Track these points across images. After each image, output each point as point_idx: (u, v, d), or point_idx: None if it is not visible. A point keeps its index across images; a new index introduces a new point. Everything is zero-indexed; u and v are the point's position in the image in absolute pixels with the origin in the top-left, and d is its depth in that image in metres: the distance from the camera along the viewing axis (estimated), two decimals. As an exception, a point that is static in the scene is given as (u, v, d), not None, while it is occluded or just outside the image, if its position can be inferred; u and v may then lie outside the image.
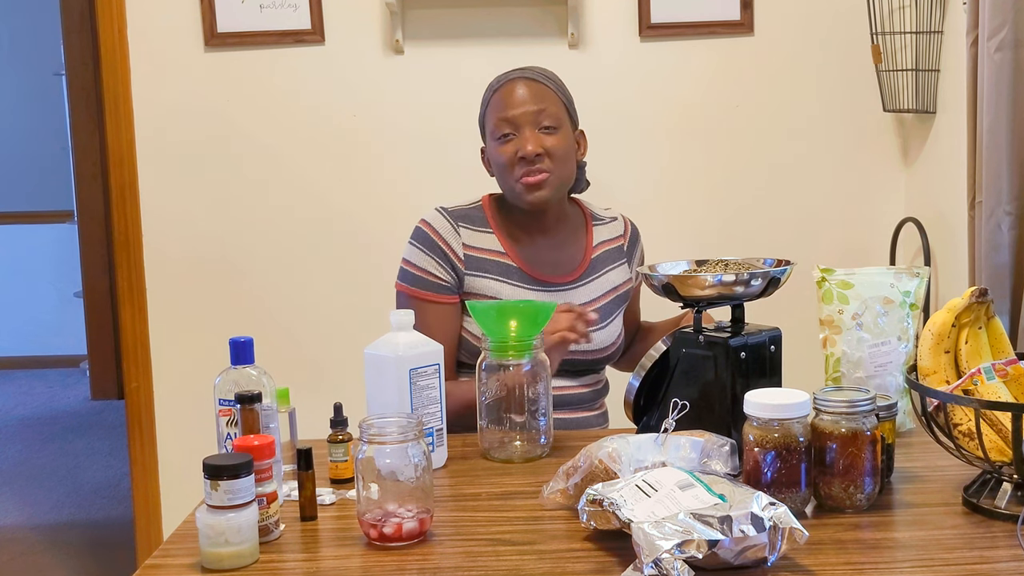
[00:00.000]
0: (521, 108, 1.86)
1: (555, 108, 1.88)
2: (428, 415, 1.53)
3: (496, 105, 1.89)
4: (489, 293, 1.87)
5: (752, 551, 1.13)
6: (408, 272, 1.89)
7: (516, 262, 1.90)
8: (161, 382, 2.86)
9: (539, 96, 1.87)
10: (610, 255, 1.99)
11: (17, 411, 5.37)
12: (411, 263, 1.89)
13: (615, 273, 1.98)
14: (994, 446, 1.32)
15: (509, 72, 1.93)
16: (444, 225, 1.89)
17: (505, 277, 1.88)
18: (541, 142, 1.84)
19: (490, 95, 1.92)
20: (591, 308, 1.89)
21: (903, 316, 1.62)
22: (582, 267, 1.95)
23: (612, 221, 2.03)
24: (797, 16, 2.78)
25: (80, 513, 3.86)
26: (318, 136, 2.81)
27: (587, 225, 2.00)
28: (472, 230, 1.90)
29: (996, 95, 1.96)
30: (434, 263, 1.87)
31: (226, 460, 1.22)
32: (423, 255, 1.88)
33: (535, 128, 1.85)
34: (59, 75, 5.65)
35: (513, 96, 1.87)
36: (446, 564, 1.22)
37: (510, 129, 1.86)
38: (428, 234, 1.89)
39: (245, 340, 1.43)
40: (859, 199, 2.84)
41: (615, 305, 1.96)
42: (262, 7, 2.73)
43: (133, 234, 2.81)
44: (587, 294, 1.92)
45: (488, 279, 1.87)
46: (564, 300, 1.88)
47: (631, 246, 2.03)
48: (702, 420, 1.41)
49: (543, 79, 1.91)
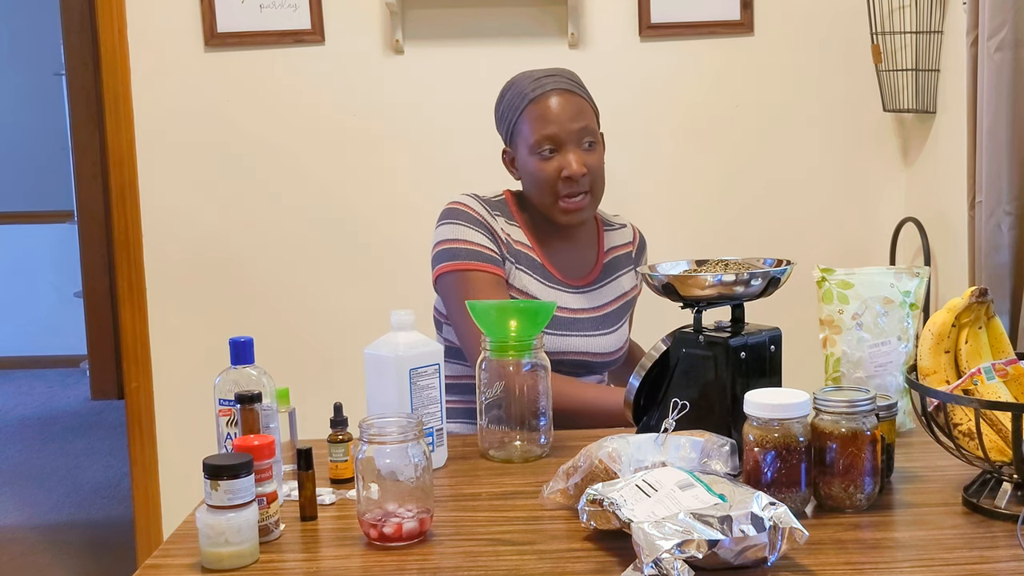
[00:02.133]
0: (565, 125, 1.82)
1: (593, 123, 1.87)
2: (428, 415, 1.53)
3: (536, 117, 1.83)
4: (518, 284, 1.85)
5: (752, 551, 1.13)
6: (449, 249, 1.82)
7: (539, 258, 1.89)
8: (161, 382, 2.86)
9: (580, 112, 1.84)
10: (620, 261, 2.00)
11: (17, 411, 5.37)
12: (452, 239, 1.82)
13: (625, 279, 1.99)
14: (994, 446, 1.32)
15: (542, 79, 1.86)
16: (479, 207, 1.86)
17: (531, 270, 1.87)
18: (584, 160, 1.83)
19: (524, 103, 1.85)
20: (601, 312, 1.90)
21: (903, 316, 1.62)
22: (596, 271, 1.95)
23: (622, 228, 2.04)
24: (797, 16, 2.78)
25: (80, 513, 3.86)
26: (318, 136, 2.81)
27: (599, 230, 2.01)
28: (503, 219, 1.88)
29: (996, 95, 1.96)
30: (479, 235, 1.83)
31: (226, 460, 1.22)
32: (466, 228, 1.83)
33: (578, 147, 1.83)
34: (59, 75, 5.65)
35: (554, 111, 1.82)
36: (446, 564, 1.22)
37: (553, 145, 1.83)
38: (466, 211, 1.85)
39: (245, 340, 1.42)
40: (859, 199, 2.85)
41: (624, 310, 1.97)
42: (262, 7, 2.73)
43: (133, 234, 2.82)
44: (598, 298, 1.93)
45: (518, 270, 1.86)
46: (579, 302, 1.88)
47: (639, 254, 2.05)
48: (702, 420, 1.41)
49: (580, 90, 1.87)
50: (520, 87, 1.87)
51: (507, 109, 1.89)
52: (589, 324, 1.89)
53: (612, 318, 1.93)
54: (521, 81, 1.88)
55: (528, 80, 1.87)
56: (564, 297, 1.88)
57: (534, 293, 1.86)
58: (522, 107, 1.85)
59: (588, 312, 1.90)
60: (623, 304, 1.97)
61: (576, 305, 1.89)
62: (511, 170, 1.94)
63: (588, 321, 1.89)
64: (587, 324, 1.88)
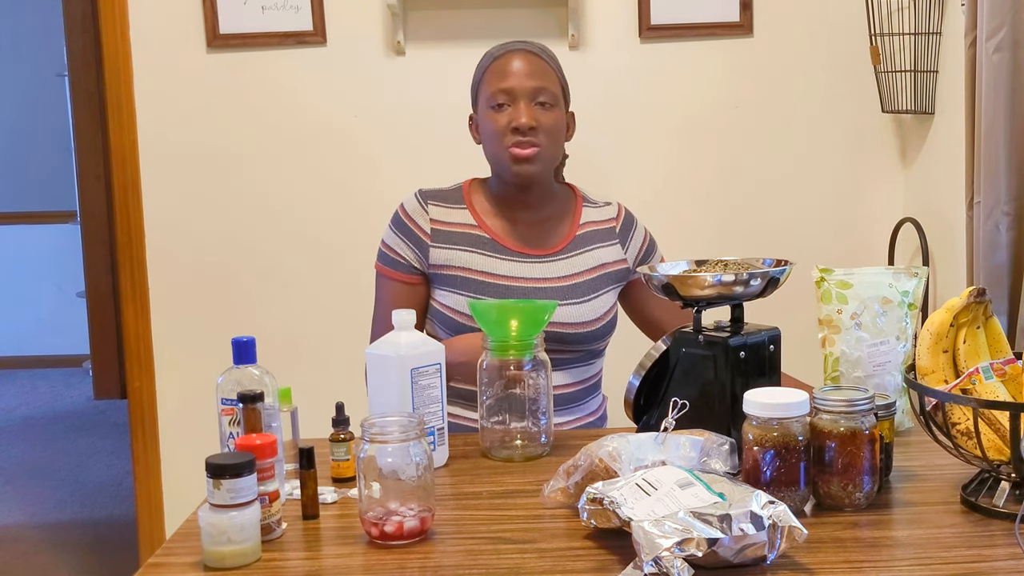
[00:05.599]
0: (520, 81, 1.88)
1: (553, 87, 1.91)
2: (429, 414, 1.53)
3: (494, 74, 1.91)
4: (457, 263, 1.90)
5: (751, 549, 1.14)
6: (380, 251, 1.99)
7: (488, 233, 1.93)
8: (164, 382, 2.87)
9: (539, 72, 1.90)
10: (598, 234, 1.99)
11: (20, 411, 5.38)
12: (384, 243, 1.98)
13: (604, 251, 1.97)
14: (992, 445, 1.33)
15: (510, 43, 1.94)
16: (414, 205, 1.96)
17: (475, 247, 1.91)
18: (536, 116, 1.87)
19: (488, 62, 1.94)
20: (571, 281, 1.91)
21: (901, 316, 1.63)
22: (564, 242, 1.96)
23: (605, 206, 2.04)
24: (796, 17, 2.79)
25: (83, 512, 3.87)
26: (319, 137, 2.81)
27: (577, 206, 2.01)
28: (442, 207, 1.96)
29: (994, 96, 1.96)
30: (400, 242, 1.94)
31: (228, 459, 1.23)
32: (392, 235, 1.96)
33: (531, 102, 1.88)
34: (62, 76, 5.66)
35: (513, 67, 1.89)
36: (447, 562, 1.23)
37: (506, 99, 1.88)
38: (399, 215, 1.97)
39: (247, 340, 1.43)
40: (858, 199, 2.85)
41: (604, 282, 1.95)
42: (264, 8, 2.74)
43: (136, 234, 2.82)
44: (567, 268, 1.93)
45: (455, 250, 1.91)
46: (540, 271, 1.91)
47: (624, 228, 2.02)
48: (702, 419, 1.42)
49: (544, 55, 1.93)
50: (488, 52, 1.97)
51: (475, 74, 1.98)
52: (554, 293, 1.89)
53: (584, 288, 1.92)
54: (491, 48, 1.97)
55: (496, 46, 1.96)
56: (521, 267, 1.91)
57: (480, 267, 1.90)
58: (485, 66, 1.95)
59: (553, 281, 1.91)
60: (603, 276, 1.95)
61: (538, 275, 1.91)
62: (474, 136, 2.00)
63: (553, 290, 1.89)
64: (552, 293, 1.89)
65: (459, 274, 1.90)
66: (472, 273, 1.89)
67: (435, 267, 1.92)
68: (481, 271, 1.89)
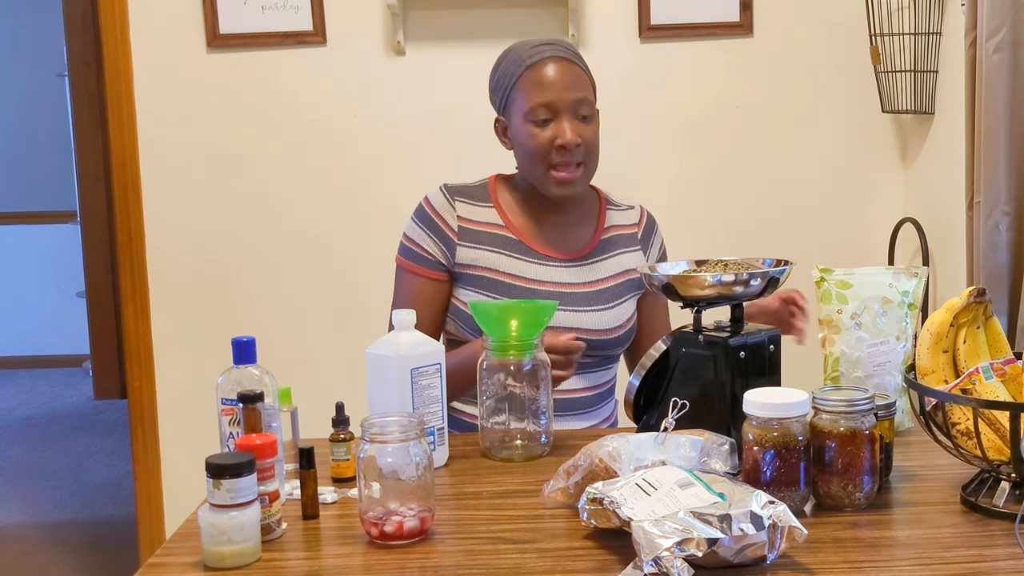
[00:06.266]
0: (562, 93, 1.80)
1: (591, 95, 1.85)
2: (429, 414, 1.53)
3: (533, 84, 1.81)
4: (484, 264, 1.86)
5: (751, 549, 1.14)
6: (403, 245, 1.92)
7: (515, 234, 1.88)
8: (163, 382, 2.87)
9: (578, 82, 1.82)
10: (622, 239, 1.96)
11: (20, 411, 5.38)
12: (407, 236, 1.91)
13: (628, 257, 1.95)
14: (992, 445, 1.33)
15: (540, 46, 1.83)
16: (440, 200, 1.90)
17: (502, 248, 1.87)
18: (580, 132, 1.81)
19: (521, 70, 1.82)
20: (596, 287, 1.88)
21: (901, 316, 1.63)
22: (590, 247, 1.92)
23: (628, 209, 2.01)
24: (796, 17, 2.79)
25: (83, 512, 3.87)
26: (320, 137, 2.81)
27: (601, 209, 1.97)
28: (470, 204, 1.90)
29: (994, 96, 1.96)
30: (426, 237, 1.88)
31: (228, 459, 1.23)
32: (418, 229, 1.89)
33: (574, 116, 1.81)
34: (62, 76, 5.66)
35: (551, 78, 1.80)
36: (447, 562, 1.23)
37: (548, 113, 1.81)
38: (425, 209, 1.90)
39: (247, 340, 1.43)
40: (858, 199, 2.85)
41: (626, 289, 1.93)
42: (264, 8, 2.74)
43: (136, 234, 2.82)
44: (592, 273, 1.90)
45: (482, 250, 1.86)
46: (567, 276, 1.87)
47: (646, 234, 2.00)
48: (702, 419, 1.42)
49: (578, 60, 1.86)
50: (517, 54, 1.86)
51: (503, 76, 1.87)
52: (580, 299, 1.86)
53: (608, 294, 1.89)
54: (518, 48, 1.87)
55: (526, 48, 1.85)
56: (548, 271, 1.87)
57: (506, 269, 1.85)
58: (518, 73, 1.84)
59: (579, 287, 1.88)
60: (625, 282, 1.92)
61: (564, 279, 1.87)
62: (503, 140, 1.92)
63: (579, 296, 1.87)
64: (577, 299, 1.86)
65: (485, 275, 1.85)
66: (499, 275, 1.85)
67: (461, 266, 1.87)
68: (508, 273, 1.85)
